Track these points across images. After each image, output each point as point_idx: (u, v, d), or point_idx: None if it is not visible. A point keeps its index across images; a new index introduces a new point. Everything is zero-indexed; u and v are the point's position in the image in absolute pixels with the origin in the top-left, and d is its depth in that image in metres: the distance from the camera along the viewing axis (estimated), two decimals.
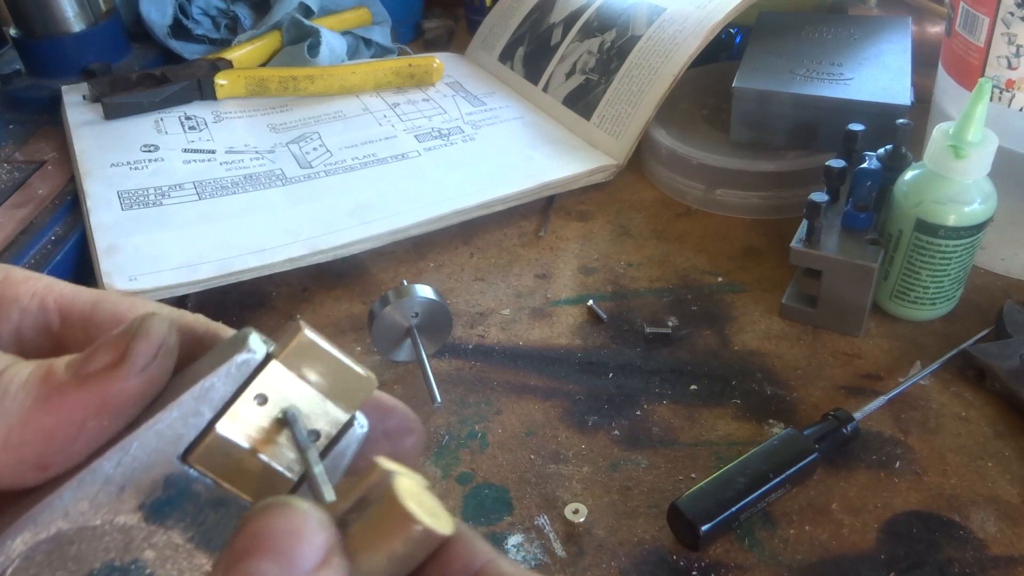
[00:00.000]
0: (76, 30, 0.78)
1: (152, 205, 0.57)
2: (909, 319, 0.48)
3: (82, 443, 0.18)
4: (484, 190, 0.59)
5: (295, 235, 0.54)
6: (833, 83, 0.57)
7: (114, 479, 0.18)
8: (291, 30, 0.79)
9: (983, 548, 0.36)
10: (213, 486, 0.19)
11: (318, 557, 0.16)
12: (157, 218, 0.56)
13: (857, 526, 0.37)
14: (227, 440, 0.19)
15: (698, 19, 0.63)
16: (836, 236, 0.47)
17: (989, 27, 0.46)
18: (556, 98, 0.70)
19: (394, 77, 0.75)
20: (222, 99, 0.72)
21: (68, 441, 0.18)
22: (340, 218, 0.56)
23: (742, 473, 0.37)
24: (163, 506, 0.18)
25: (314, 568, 0.15)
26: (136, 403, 0.19)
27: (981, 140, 0.43)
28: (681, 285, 0.53)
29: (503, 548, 0.37)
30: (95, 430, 0.18)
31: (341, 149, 0.65)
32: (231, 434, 0.19)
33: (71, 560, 0.18)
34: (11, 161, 0.67)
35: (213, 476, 0.19)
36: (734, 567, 0.36)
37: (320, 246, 0.53)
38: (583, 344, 0.49)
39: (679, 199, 0.62)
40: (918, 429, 0.42)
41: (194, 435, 0.18)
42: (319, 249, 0.53)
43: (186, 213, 0.56)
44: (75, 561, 0.18)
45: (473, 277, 0.55)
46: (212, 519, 0.19)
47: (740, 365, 0.46)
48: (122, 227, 0.55)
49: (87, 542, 0.18)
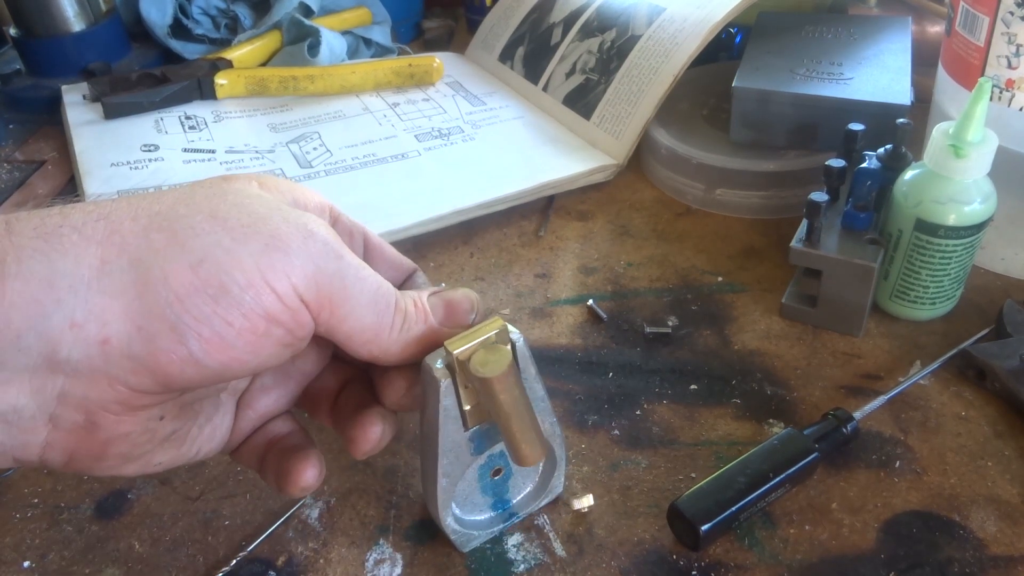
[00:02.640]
0: (76, 30, 0.78)
1: None
2: (909, 319, 0.49)
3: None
4: (484, 190, 0.59)
5: None
6: (833, 83, 0.57)
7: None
8: (291, 30, 0.79)
9: (983, 548, 0.36)
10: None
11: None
12: None
13: (857, 526, 0.37)
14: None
15: (698, 19, 0.63)
16: (836, 236, 0.47)
17: (989, 27, 0.46)
18: (556, 98, 0.70)
19: (394, 77, 0.75)
20: (222, 99, 0.72)
21: (412, 355, 0.30)
22: None
23: (742, 473, 0.37)
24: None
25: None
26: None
27: (981, 140, 0.43)
28: (681, 285, 0.53)
29: (503, 547, 0.37)
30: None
31: (341, 149, 0.65)
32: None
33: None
34: (11, 161, 0.67)
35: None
36: (734, 567, 0.36)
37: None
38: (583, 344, 0.49)
39: (679, 199, 0.62)
40: (918, 429, 0.42)
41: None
42: None
43: None
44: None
45: (473, 277, 0.55)
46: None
47: (740, 365, 0.46)
48: None
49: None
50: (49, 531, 0.39)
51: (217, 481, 0.41)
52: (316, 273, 0.26)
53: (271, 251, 0.25)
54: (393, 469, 0.41)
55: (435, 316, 0.31)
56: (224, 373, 0.26)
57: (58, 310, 0.23)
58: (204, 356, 0.25)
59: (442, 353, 0.30)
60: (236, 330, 0.25)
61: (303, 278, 0.26)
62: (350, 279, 0.27)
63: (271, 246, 0.25)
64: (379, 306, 0.28)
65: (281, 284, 0.25)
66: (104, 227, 0.24)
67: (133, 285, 0.24)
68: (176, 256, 0.24)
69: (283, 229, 0.26)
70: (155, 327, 0.24)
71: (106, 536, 0.39)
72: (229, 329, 0.25)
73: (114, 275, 0.24)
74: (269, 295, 0.25)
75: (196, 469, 0.42)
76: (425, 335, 0.30)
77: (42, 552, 0.38)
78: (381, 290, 0.29)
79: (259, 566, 0.37)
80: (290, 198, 0.29)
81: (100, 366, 0.24)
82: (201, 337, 0.25)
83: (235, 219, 0.26)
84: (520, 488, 0.38)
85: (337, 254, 0.27)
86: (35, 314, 0.23)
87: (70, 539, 0.38)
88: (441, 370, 0.30)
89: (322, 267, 0.26)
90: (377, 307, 0.28)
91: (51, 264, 0.23)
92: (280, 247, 0.25)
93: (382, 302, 0.28)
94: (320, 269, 0.26)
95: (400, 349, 0.29)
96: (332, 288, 0.27)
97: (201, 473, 0.41)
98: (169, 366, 0.25)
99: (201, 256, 0.24)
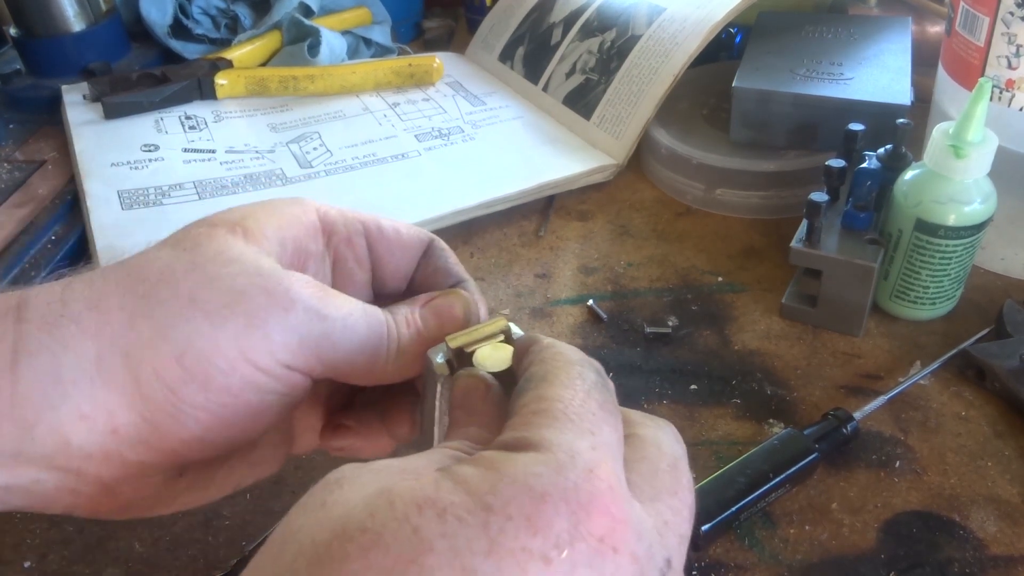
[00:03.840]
0: (76, 30, 0.78)
1: (152, 205, 0.57)
2: (909, 319, 0.49)
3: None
4: (484, 190, 0.59)
5: None
6: (833, 83, 0.57)
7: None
8: (291, 30, 0.79)
9: (983, 548, 0.36)
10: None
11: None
12: (157, 218, 0.56)
13: (857, 526, 0.37)
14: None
15: (698, 19, 0.63)
16: (836, 236, 0.47)
17: (989, 27, 0.46)
18: (556, 98, 0.70)
19: (394, 77, 0.75)
20: (222, 99, 0.72)
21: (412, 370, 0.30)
22: None
23: (742, 473, 0.37)
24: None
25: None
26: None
27: (981, 140, 0.43)
28: (681, 285, 0.53)
29: None
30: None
31: (341, 149, 0.65)
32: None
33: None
34: (11, 161, 0.67)
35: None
36: (734, 567, 0.36)
37: None
38: (583, 344, 0.49)
39: (679, 199, 0.62)
40: (918, 429, 0.42)
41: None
42: None
43: (186, 213, 0.56)
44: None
45: (473, 276, 0.54)
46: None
47: (740, 365, 0.46)
48: (122, 227, 0.55)
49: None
50: (49, 531, 0.39)
51: None
52: (300, 343, 0.27)
53: (251, 330, 0.26)
54: None
55: (427, 328, 0.31)
56: (234, 442, 0.27)
57: (65, 403, 0.24)
58: (208, 434, 0.26)
59: (443, 347, 0.30)
60: (231, 408, 0.26)
61: (286, 351, 0.26)
62: (336, 336, 0.27)
63: (251, 325, 0.26)
64: (370, 345, 0.28)
65: (264, 361, 0.26)
66: (96, 319, 0.25)
67: (130, 380, 0.25)
68: (161, 348, 0.25)
69: (261, 304, 0.26)
70: (158, 417, 0.25)
71: (106, 536, 0.39)
72: (224, 409, 0.26)
73: (112, 370, 0.25)
74: (254, 372, 0.26)
75: None
76: (421, 350, 0.30)
77: (42, 552, 0.38)
78: (371, 328, 0.29)
79: None
80: (276, 243, 0.29)
81: (113, 450, 0.25)
82: (200, 421, 0.26)
83: (215, 302, 0.26)
84: None
85: (320, 316, 0.27)
86: (45, 407, 0.24)
87: (70, 539, 0.38)
88: (441, 364, 0.30)
89: (305, 335, 0.27)
90: (368, 347, 0.28)
91: (55, 359, 0.25)
92: (259, 325, 0.26)
93: (373, 340, 0.29)
94: (304, 338, 0.27)
95: (396, 369, 0.30)
96: (319, 350, 0.27)
97: None
98: (178, 447, 0.26)
99: (184, 347, 0.25)
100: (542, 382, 0.23)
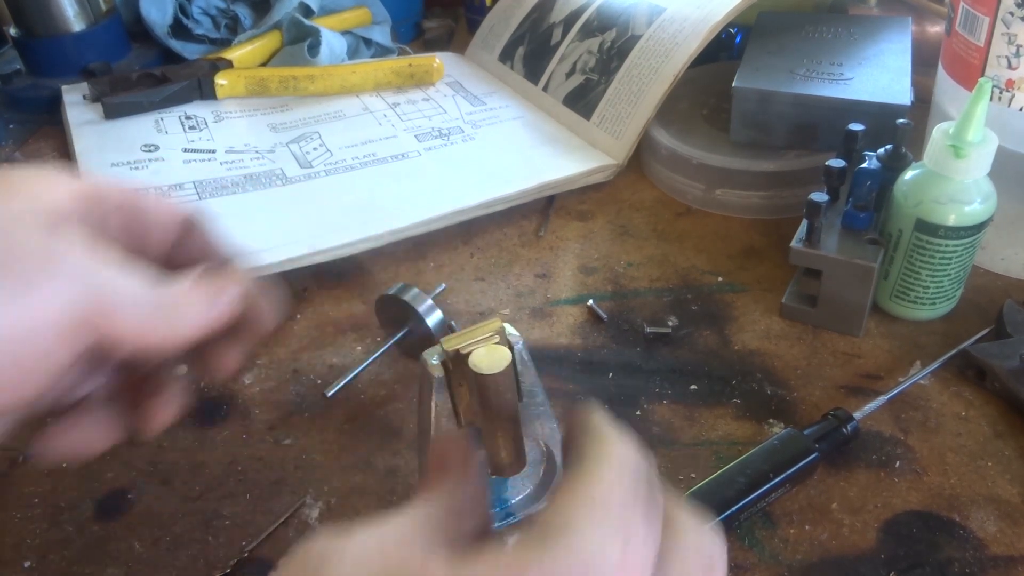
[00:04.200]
0: (76, 30, 0.78)
1: None
2: (909, 319, 0.49)
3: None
4: (484, 190, 0.59)
5: (295, 235, 0.54)
6: (833, 83, 0.57)
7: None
8: (291, 30, 0.79)
9: (983, 548, 0.36)
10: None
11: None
12: None
13: (857, 526, 0.37)
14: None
15: (698, 19, 0.63)
16: (836, 236, 0.47)
17: (989, 27, 0.46)
18: (556, 98, 0.70)
19: (394, 77, 0.75)
20: (222, 99, 0.72)
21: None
22: (340, 218, 0.56)
23: (742, 473, 0.37)
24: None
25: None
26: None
27: (981, 140, 0.43)
28: (681, 285, 0.53)
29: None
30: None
31: (341, 149, 0.65)
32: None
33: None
34: (11, 161, 0.67)
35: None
36: (734, 567, 0.36)
37: (320, 246, 0.53)
38: (583, 344, 0.49)
39: (679, 199, 0.62)
40: (918, 429, 0.42)
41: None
42: (319, 249, 0.53)
43: None
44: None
45: (473, 277, 0.55)
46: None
47: (740, 365, 0.46)
48: None
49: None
50: (49, 531, 0.39)
51: (217, 481, 0.41)
52: (71, 304, 0.26)
53: (20, 293, 0.25)
54: (393, 469, 0.41)
55: (198, 297, 0.30)
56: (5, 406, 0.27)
57: None
58: None
59: (439, 349, 0.30)
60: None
61: (57, 313, 0.26)
62: (106, 299, 0.27)
63: (18, 287, 0.25)
64: (145, 311, 0.28)
65: (32, 323, 0.25)
66: None
67: None
68: None
69: (30, 268, 0.26)
70: None
71: (106, 536, 0.39)
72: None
73: None
74: (24, 334, 0.25)
75: (196, 469, 0.42)
76: (190, 323, 0.29)
77: (42, 552, 0.38)
78: (141, 293, 0.28)
79: (259, 566, 0.37)
80: (42, 207, 0.28)
81: None
82: None
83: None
84: (520, 489, 0.38)
85: (89, 277, 0.27)
86: None
87: (70, 539, 0.38)
88: (436, 366, 0.30)
89: (76, 299, 0.26)
90: (143, 313, 0.28)
91: None
92: (29, 287, 0.26)
93: (145, 305, 0.28)
94: (74, 301, 0.26)
95: (167, 334, 0.29)
96: (89, 312, 0.27)
97: (201, 473, 0.41)
98: None
99: None
100: (591, 463, 0.22)
